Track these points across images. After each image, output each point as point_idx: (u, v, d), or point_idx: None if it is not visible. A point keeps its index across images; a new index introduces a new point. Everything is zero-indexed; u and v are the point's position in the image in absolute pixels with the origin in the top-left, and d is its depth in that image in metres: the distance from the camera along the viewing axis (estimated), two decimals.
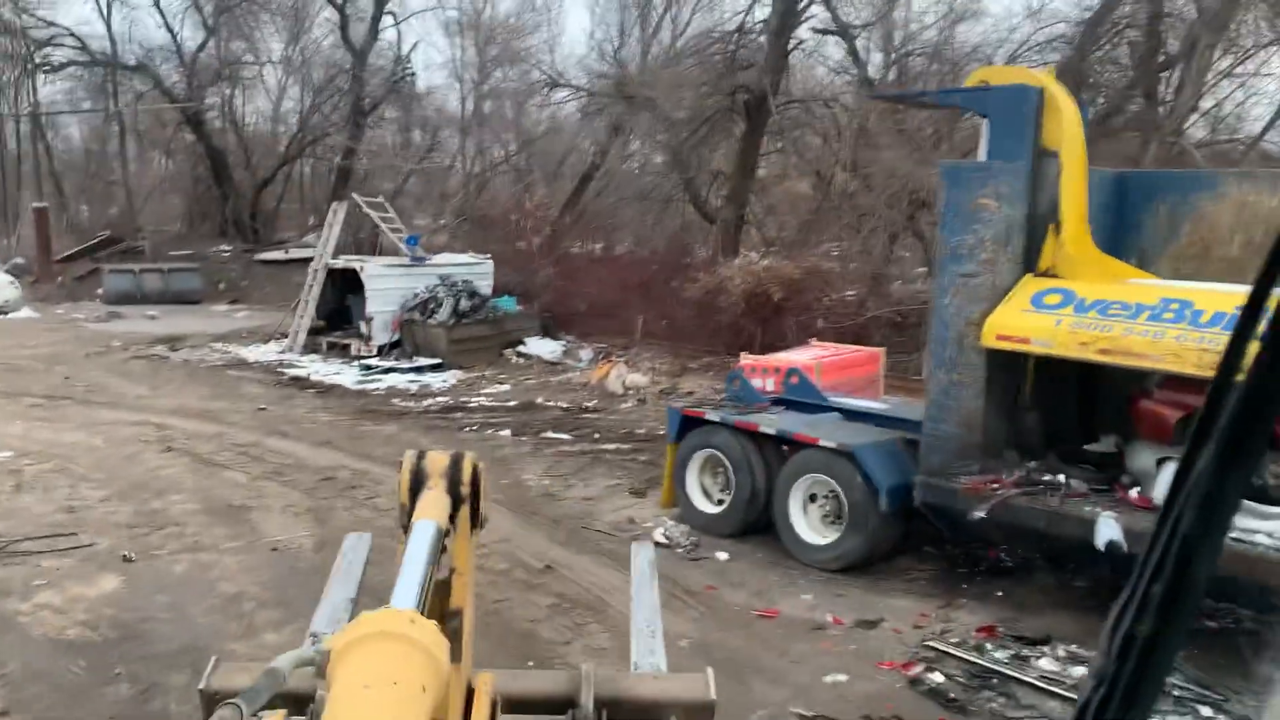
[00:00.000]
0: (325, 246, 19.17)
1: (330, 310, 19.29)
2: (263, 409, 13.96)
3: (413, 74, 33.66)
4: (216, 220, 34.54)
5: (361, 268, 18.06)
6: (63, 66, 32.74)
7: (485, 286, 19.01)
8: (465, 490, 1.98)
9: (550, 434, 12.73)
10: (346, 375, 16.54)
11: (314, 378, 16.37)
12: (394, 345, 17.99)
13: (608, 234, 26.44)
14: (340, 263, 18.65)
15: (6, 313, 23.63)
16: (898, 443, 8.31)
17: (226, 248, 32.00)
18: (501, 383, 16.19)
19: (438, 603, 1.83)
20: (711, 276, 17.40)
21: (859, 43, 21.04)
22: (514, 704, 2.22)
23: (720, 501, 9.12)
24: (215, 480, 10.28)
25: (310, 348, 18.64)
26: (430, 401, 14.77)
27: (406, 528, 1.83)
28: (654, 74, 23.67)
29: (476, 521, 2.05)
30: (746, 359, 11.91)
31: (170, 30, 34.04)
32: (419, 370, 16.73)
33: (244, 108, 36.18)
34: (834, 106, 21.42)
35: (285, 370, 16.99)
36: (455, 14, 35.61)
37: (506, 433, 12.84)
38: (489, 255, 20.26)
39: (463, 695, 1.85)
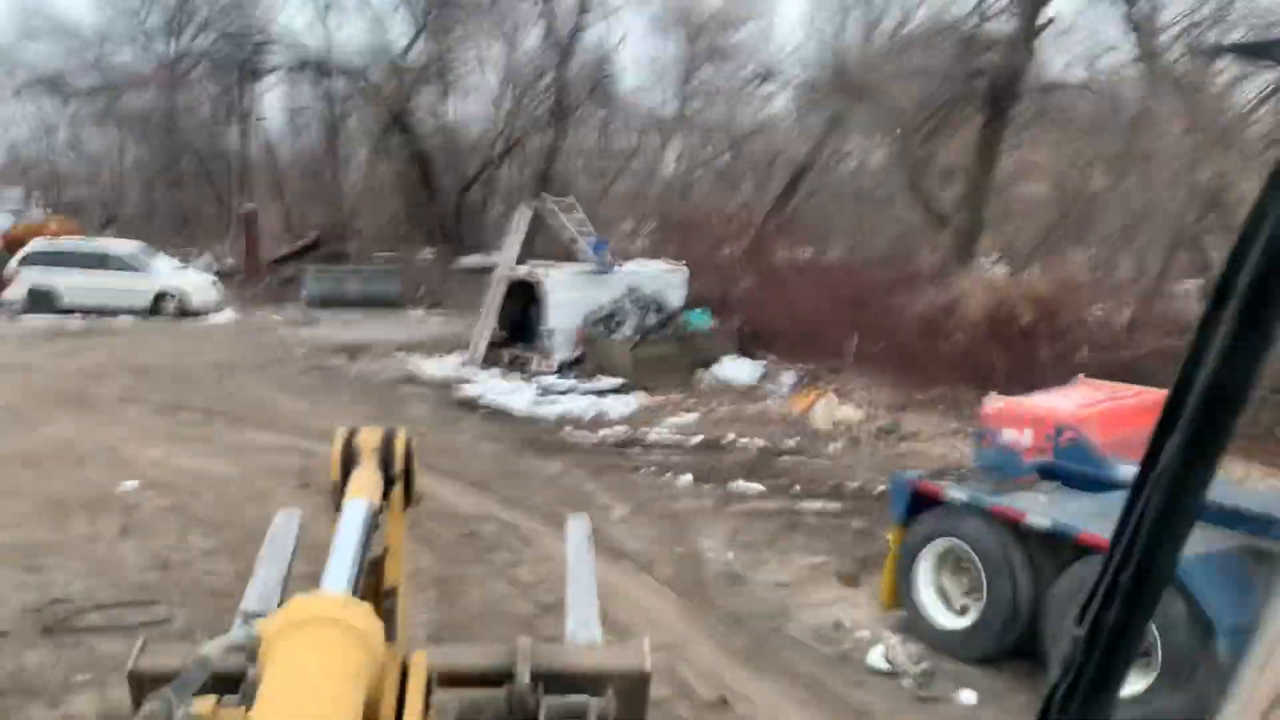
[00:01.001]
0: (506, 253, 17.71)
1: (514, 321, 17.83)
2: (422, 433, 12.47)
3: (616, 72, 32.23)
4: (422, 224, 34.39)
5: (542, 278, 16.43)
6: (275, 70, 33.45)
7: (676, 298, 16.99)
8: (398, 468, 1.95)
9: (739, 483, 10.52)
10: (521, 396, 14.92)
11: (485, 398, 14.84)
12: (575, 362, 16.27)
13: (819, 239, 23.90)
14: (522, 271, 17.12)
15: (207, 314, 23.74)
16: (1243, 554, 5.63)
17: (429, 252, 31.63)
18: (689, 410, 14.10)
19: (371, 582, 1.79)
20: (942, 291, 14.65)
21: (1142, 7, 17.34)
22: (450, 679, 2.11)
23: (965, 610, 6.67)
24: None
25: (491, 361, 17.23)
26: (606, 433, 12.86)
27: (339, 507, 1.77)
28: (879, 62, 20.98)
29: (409, 499, 2.05)
30: (994, 401, 9.30)
31: (379, 27, 34.07)
32: (599, 393, 14.90)
33: (450, 108, 35.93)
34: (1098, 89, 18.01)
35: (457, 388, 15.58)
36: (662, 9, 33.94)
37: (687, 479, 10.72)
38: (684, 263, 18.25)
39: (398, 674, 1.77)
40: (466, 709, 2.23)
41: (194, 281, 24.57)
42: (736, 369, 15.86)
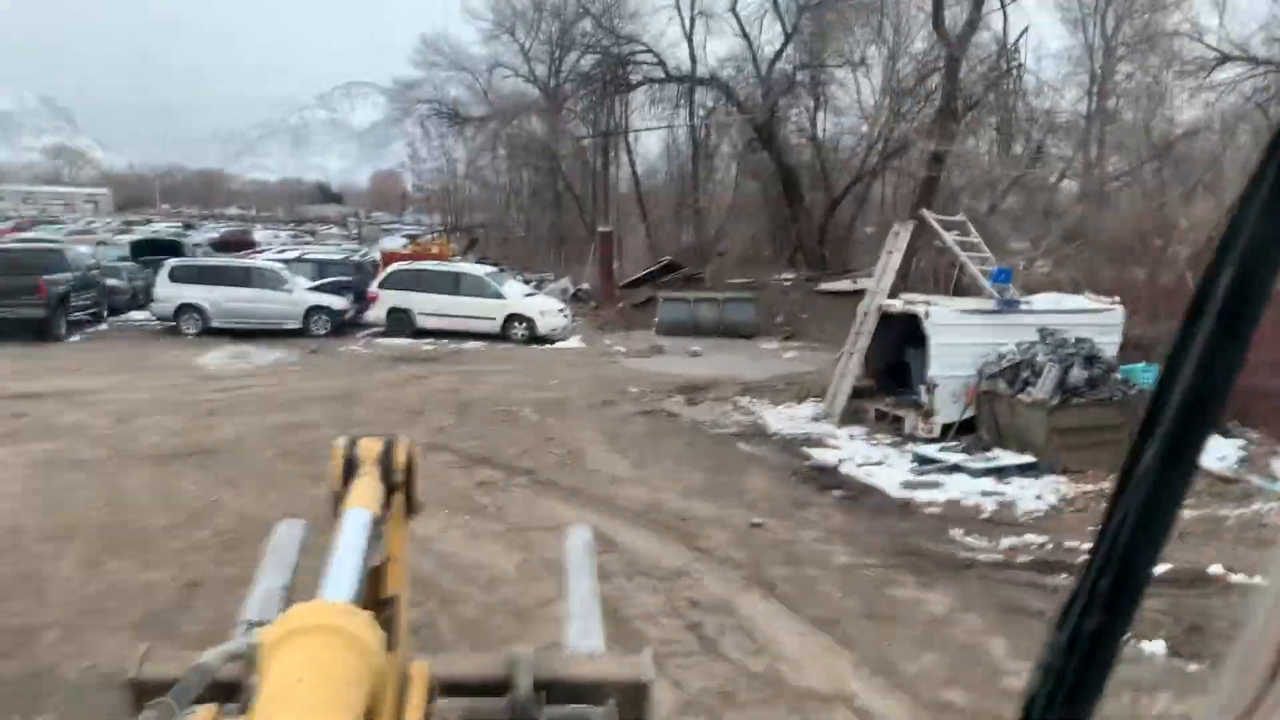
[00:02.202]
0: (879, 280, 14.27)
1: (884, 366, 14.38)
2: (757, 525, 9.43)
3: (1020, 66, 27.52)
4: (784, 246, 31.67)
5: (925, 312, 12.81)
6: (638, 85, 32.16)
7: (1110, 347, 12.65)
8: (399, 477, 1.91)
9: None
10: (890, 470, 11.45)
11: (844, 469, 11.53)
12: (964, 426, 12.49)
13: None
14: (898, 304, 13.60)
15: (555, 340, 22.45)
16: None
17: (789, 275, 28.79)
18: None
19: (372, 591, 1.71)
20: None
21: None
22: (451, 688, 2.08)
23: None
24: None
25: (852, 415, 13.90)
26: (1012, 541, 9.06)
27: (339, 515, 1.72)
28: None
29: (411, 508, 2.00)
30: None
31: (746, 37, 31.76)
32: (999, 472, 11.07)
33: (820, 118, 32.90)
34: None
35: (809, 450, 12.39)
36: None
37: (1156, 647, 6.75)
38: (1116, 300, 13.81)
39: (398, 683, 1.69)
40: (467, 718, 2.17)
41: (542, 306, 23.43)
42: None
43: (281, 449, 11.91)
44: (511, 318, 22.50)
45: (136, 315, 24.10)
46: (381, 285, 22.80)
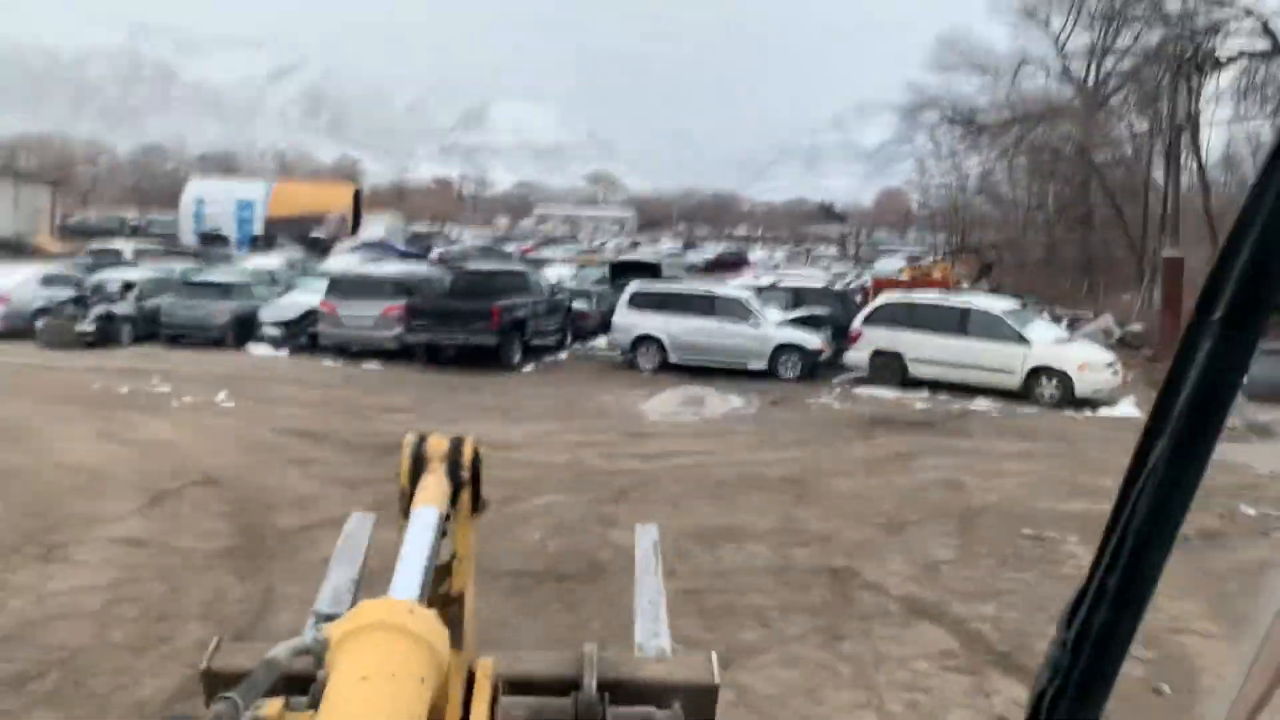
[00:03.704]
0: None
1: None
2: None
3: None
4: None
5: None
6: (1228, 62, 24.06)
7: None
8: (466, 474, 1.94)
9: None
10: None
11: None
12: None
13: None
14: None
15: (1097, 404, 16.38)
16: None
17: None
18: None
19: (438, 589, 1.80)
20: None
21: None
22: (516, 686, 2.15)
23: None
24: None
25: None
26: None
27: (407, 513, 1.77)
28: None
29: (477, 505, 2.01)
30: None
31: None
32: None
33: None
34: None
35: None
36: None
37: None
38: None
39: (463, 681, 1.80)
40: (532, 716, 2.21)
41: (1082, 356, 17.38)
42: None
43: (689, 589, 7.90)
44: (1037, 371, 16.82)
45: (601, 342, 22.11)
46: (867, 320, 18.33)
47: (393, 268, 23.21)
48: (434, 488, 1.80)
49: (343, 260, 30.23)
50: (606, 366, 19.99)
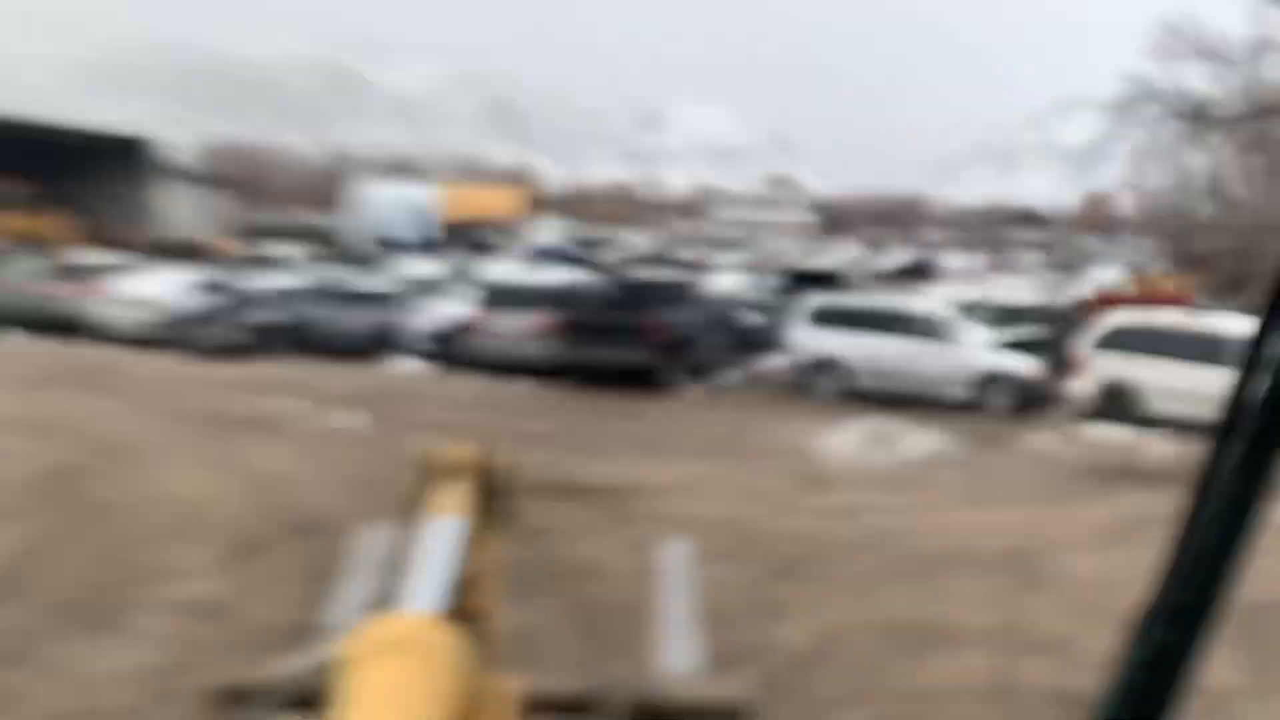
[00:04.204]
0: None
1: None
2: None
3: None
4: None
5: None
6: None
7: None
8: (495, 486, 1.91)
9: None
10: None
11: None
12: None
13: None
14: None
15: None
16: None
17: None
18: None
19: (461, 603, 1.70)
20: None
21: None
22: (540, 706, 2.08)
23: None
24: None
25: None
26: None
27: (423, 524, 1.75)
28: None
29: (506, 519, 1.98)
30: None
31: None
32: None
33: None
34: None
35: None
36: None
37: None
38: None
39: (486, 699, 1.66)
40: None
41: None
42: None
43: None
44: None
45: (777, 360, 19.78)
46: (1099, 344, 15.35)
47: (548, 277, 21.75)
48: (456, 498, 1.75)
49: (502, 267, 29.24)
50: (781, 391, 17.72)
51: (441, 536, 1.60)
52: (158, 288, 20.81)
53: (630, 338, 15.98)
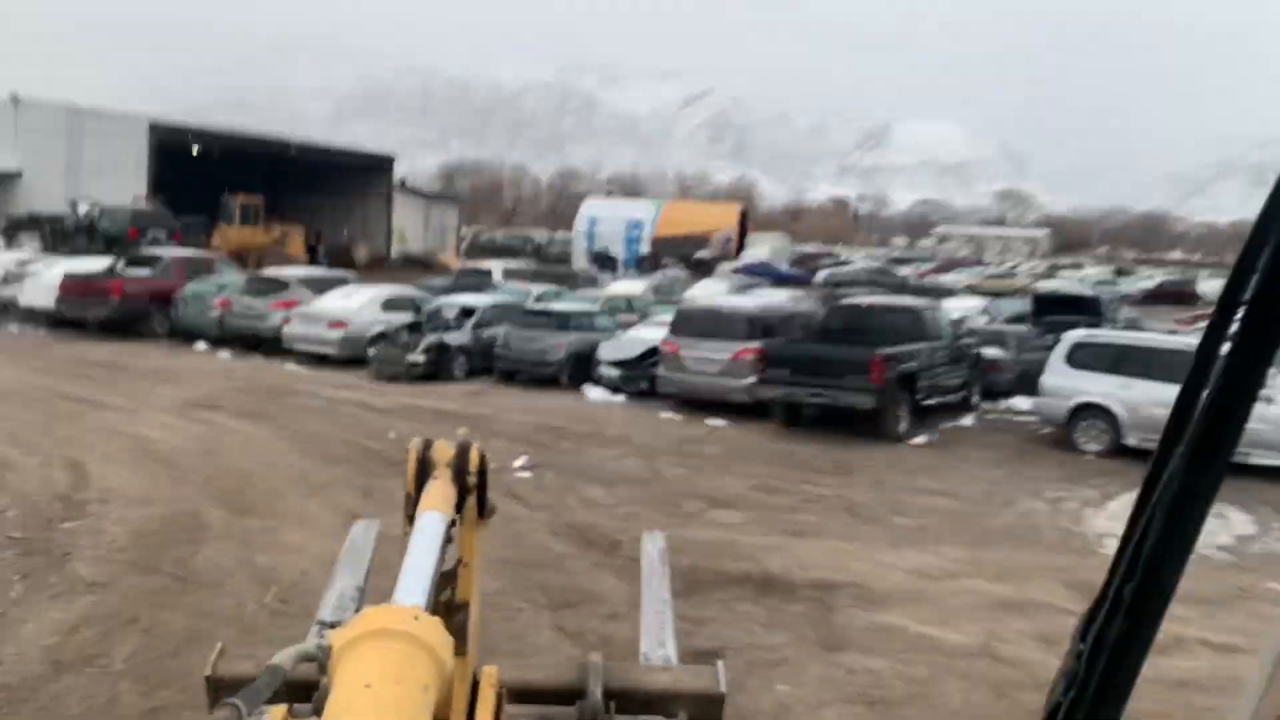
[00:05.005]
0: None
1: None
2: None
3: None
4: None
5: None
6: None
7: None
8: (472, 480, 1.90)
9: None
10: None
11: None
12: None
13: None
14: None
15: None
16: None
17: None
18: None
19: (443, 595, 1.80)
20: None
21: None
22: (521, 695, 2.13)
23: None
24: None
25: None
26: None
27: (412, 518, 1.72)
28: None
29: (483, 511, 1.99)
30: None
31: None
32: None
33: None
34: None
35: None
36: None
37: None
38: None
39: (468, 689, 1.75)
40: None
41: None
42: None
43: None
44: None
45: (1021, 404, 16.51)
46: None
47: (752, 300, 19.31)
48: (440, 493, 1.77)
49: (704, 286, 27.12)
50: (1029, 440, 14.55)
51: (426, 531, 1.58)
52: (351, 304, 19.97)
53: (847, 374, 13.33)
